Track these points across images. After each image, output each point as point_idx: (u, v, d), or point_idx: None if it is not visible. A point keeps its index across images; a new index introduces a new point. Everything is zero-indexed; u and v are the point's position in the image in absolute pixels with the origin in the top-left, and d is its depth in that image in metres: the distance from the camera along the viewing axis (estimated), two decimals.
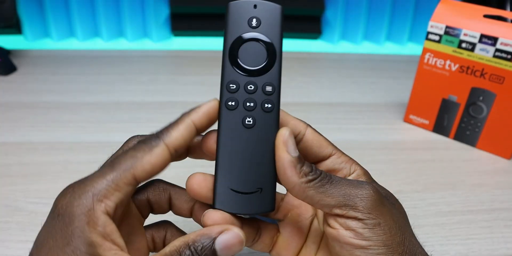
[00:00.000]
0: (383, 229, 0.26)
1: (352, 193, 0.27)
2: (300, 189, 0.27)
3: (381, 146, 0.60)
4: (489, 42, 0.54)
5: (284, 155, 0.27)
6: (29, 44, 0.88)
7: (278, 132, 0.28)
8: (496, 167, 0.56)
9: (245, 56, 0.30)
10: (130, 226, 0.29)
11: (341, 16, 0.92)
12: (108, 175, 0.26)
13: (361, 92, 0.74)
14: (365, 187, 0.27)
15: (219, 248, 0.26)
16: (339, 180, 0.28)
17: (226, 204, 0.29)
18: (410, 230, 0.29)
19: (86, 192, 0.25)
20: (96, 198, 0.25)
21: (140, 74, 0.77)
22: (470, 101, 0.58)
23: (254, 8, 0.30)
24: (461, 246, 0.44)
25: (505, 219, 0.47)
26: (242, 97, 0.29)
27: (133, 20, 0.89)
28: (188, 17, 0.91)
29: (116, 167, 0.26)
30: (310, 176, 0.27)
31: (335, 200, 0.27)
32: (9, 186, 0.49)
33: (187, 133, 0.28)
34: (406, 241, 0.27)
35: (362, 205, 0.26)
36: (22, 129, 0.59)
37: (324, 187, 0.27)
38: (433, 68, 0.60)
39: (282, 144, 0.27)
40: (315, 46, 0.95)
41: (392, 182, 0.52)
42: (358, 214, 0.26)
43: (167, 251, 0.25)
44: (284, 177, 0.27)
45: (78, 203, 0.25)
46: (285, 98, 0.70)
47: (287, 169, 0.27)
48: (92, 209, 0.25)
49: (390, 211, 0.28)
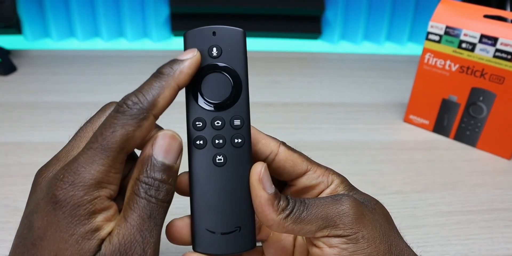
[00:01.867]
0: (367, 241, 0.26)
1: (329, 213, 0.27)
2: (279, 225, 0.26)
3: (381, 146, 0.60)
4: (489, 42, 0.54)
5: (260, 193, 0.26)
6: (29, 44, 0.88)
7: (252, 169, 0.27)
8: (496, 167, 0.56)
9: (208, 90, 0.28)
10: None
11: (341, 16, 0.92)
12: (104, 160, 0.25)
13: (361, 92, 0.74)
14: (342, 202, 0.27)
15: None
16: (313, 203, 0.27)
17: (205, 246, 0.28)
18: (396, 233, 0.29)
19: (85, 181, 0.24)
20: (99, 186, 0.25)
21: (140, 74, 0.77)
22: (470, 101, 0.58)
23: (213, 35, 0.28)
24: (461, 246, 0.44)
25: (505, 219, 0.47)
26: (210, 134, 0.28)
27: (133, 20, 0.89)
28: (188, 17, 0.91)
29: (108, 148, 0.25)
30: (287, 211, 0.26)
31: (315, 225, 0.26)
32: (9, 186, 0.49)
33: (172, 98, 0.27)
34: (393, 248, 0.27)
35: (342, 223, 0.26)
36: (22, 129, 0.59)
37: (301, 217, 0.26)
38: (433, 68, 0.60)
39: (257, 182, 0.26)
40: (315, 46, 0.95)
41: (392, 182, 0.52)
42: (340, 232, 0.26)
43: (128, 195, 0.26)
44: (262, 216, 0.27)
45: (81, 194, 0.24)
46: (285, 98, 0.70)
47: (265, 208, 0.26)
48: (97, 197, 0.25)
49: (372, 220, 0.27)
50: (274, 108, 0.67)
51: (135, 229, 0.25)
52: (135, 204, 0.25)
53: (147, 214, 0.25)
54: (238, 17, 0.92)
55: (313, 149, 0.58)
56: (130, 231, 0.25)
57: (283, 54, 0.87)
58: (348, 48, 0.94)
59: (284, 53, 0.88)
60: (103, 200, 0.25)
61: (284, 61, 0.84)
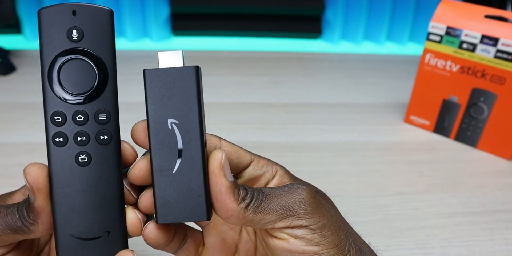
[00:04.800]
0: (329, 229, 0.26)
1: (289, 202, 0.26)
2: (239, 215, 0.25)
3: (381, 147, 0.60)
4: (490, 43, 0.54)
5: (221, 181, 0.25)
6: (29, 44, 0.88)
7: (211, 156, 0.25)
8: (497, 168, 0.56)
9: (68, 79, 0.25)
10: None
11: (341, 16, 0.92)
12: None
13: (362, 92, 0.74)
14: (299, 191, 0.27)
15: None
16: (272, 192, 0.26)
17: (70, 252, 0.25)
18: (345, 220, 0.29)
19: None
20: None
21: (140, 74, 0.77)
22: (471, 102, 0.58)
23: (74, 15, 0.24)
24: (462, 248, 0.44)
25: (506, 221, 0.47)
26: (72, 130, 0.25)
27: (133, 20, 0.89)
28: (188, 17, 0.91)
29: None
30: (247, 200, 0.25)
31: (276, 215, 0.26)
32: (9, 187, 0.49)
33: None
34: (349, 235, 0.27)
35: (303, 211, 0.26)
36: (22, 129, 0.59)
37: (261, 206, 0.25)
38: (434, 69, 0.60)
39: (219, 169, 0.25)
40: (315, 46, 0.94)
41: (393, 184, 0.52)
42: (303, 221, 0.26)
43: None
44: (221, 205, 0.25)
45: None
46: (285, 98, 0.70)
47: (225, 196, 0.25)
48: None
49: (328, 209, 0.27)
50: (274, 109, 0.67)
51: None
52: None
53: None
54: (238, 17, 0.92)
55: (313, 150, 0.58)
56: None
57: (283, 54, 0.87)
58: (348, 48, 0.94)
59: (284, 53, 0.88)
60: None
61: (284, 61, 0.84)
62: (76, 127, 0.25)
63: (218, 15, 0.91)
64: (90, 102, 0.25)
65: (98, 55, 0.25)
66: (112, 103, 0.26)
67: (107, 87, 0.25)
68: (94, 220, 0.25)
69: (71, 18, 0.24)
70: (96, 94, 0.25)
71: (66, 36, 0.24)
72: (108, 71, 0.25)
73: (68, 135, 0.25)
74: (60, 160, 0.25)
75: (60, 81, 0.25)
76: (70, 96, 0.25)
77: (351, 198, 0.50)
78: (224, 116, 0.65)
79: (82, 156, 0.25)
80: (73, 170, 0.25)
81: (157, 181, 0.25)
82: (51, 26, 0.24)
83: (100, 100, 0.25)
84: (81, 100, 0.25)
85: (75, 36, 0.24)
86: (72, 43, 0.24)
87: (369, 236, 0.32)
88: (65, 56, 0.25)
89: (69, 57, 0.25)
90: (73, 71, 0.25)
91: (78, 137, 0.25)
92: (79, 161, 0.25)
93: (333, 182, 0.52)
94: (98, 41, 0.25)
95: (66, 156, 0.25)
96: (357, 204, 0.49)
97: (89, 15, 0.24)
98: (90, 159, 0.25)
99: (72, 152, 0.25)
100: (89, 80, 0.25)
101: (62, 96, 0.25)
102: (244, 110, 0.67)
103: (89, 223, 0.25)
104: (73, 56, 0.25)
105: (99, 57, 0.25)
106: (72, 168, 0.25)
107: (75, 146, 0.25)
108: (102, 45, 0.25)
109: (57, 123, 0.25)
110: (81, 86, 0.25)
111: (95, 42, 0.25)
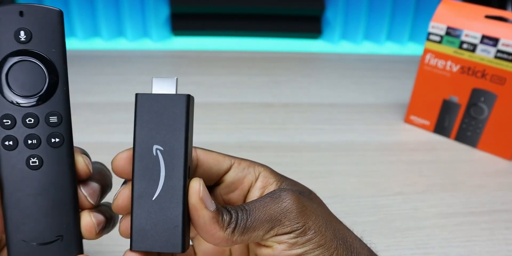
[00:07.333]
0: (314, 231, 0.26)
1: (273, 213, 0.26)
2: (227, 240, 0.25)
3: (381, 147, 0.60)
4: (491, 43, 0.54)
5: (203, 213, 0.24)
6: None
7: (190, 188, 0.24)
8: (497, 168, 0.56)
9: (17, 81, 0.24)
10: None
11: (341, 16, 0.92)
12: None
13: (362, 92, 0.74)
14: (282, 199, 0.26)
15: None
16: (254, 207, 0.26)
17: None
18: (334, 217, 0.29)
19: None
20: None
21: (140, 74, 0.77)
22: (471, 102, 0.58)
23: (21, 16, 0.24)
24: (462, 248, 0.44)
25: (506, 221, 0.47)
26: (22, 133, 0.24)
27: (133, 20, 0.89)
28: (188, 17, 0.91)
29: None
30: (233, 224, 0.25)
31: (262, 230, 0.25)
32: None
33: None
34: (337, 233, 0.27)
35: (287, 219, 0.26)
36: None
37: (247, 226, 0.25)
38: (434, 69, 0.60)
39: (199, 202, 0.24)
40: (315, 46, 0.94)
41: (393, 184, 0.52)
42: (287, 229, 0.26)
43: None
44: (208, 235, 0.25)
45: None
46: (285, 98, 0.70)
47: (210, 227, 0.24)
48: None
49: (313, 209, 0.27)
50: (274, 109, 0.67)
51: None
52: None
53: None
54: (238, 17, 0.92)
55: (313, 150, 0.58)
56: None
57: (283, 54, 0.87)
58: (348, 48, 0.94)
59: (284, 53, 0.88)
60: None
61: (284, 61, 0.84)
62: (26, 130, 0.24)
63: (218, 15, 0.91)
64: (41, 105, 0.25)
65: (48, 57, 0.24)
66: (63, 105, 0.25)
67: (57, 89, 0.25)
68: (47, 225, 0.25)
69: (18, 19, 0.24)
70: (47, 96, 0.25)
71: (14, 37, 0.24)
72: (58, 72, 0.25)
73: (18, 138, 0.24)
74: (10, 164, 0.25)
75: (9, 83, 0.24)
76: (20, 98, 0.24)
77: (351, 198, 0.50)
78: (224, 116, 0.65)
79: (33, 160, 0.25)
80: (24, 174, 0.25)
81: (136, 207, 0.24)
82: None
83: (51, 102, 0.25)
84: (31, 103, 0.24)
85: (23, 37, 0.24)
86: (20, 44, 0.24)
87: (369, 236, 0.32)
88: (13, 57, 0.24)
89: (17, 58, 0.24)
90: (22, 73, 0.24)
91: (29, 140, 0.25)
92: (30, 165, 0.25)
93: (333, 182, 0.52)
94: (47, 42, 0.24)
95: (17, 160, 0.25)
96: (357, 204, 0.49)
97: (37, 16, 0.24)
98: (41, 163, 0.25)
99: (23, 156, 0.25)
100: (39, 82, 0.24)
101: (11, 98, 0.24)
102: (244, 110, 0.67)
103: (41, 227, 0.25)
104: (21, 57, 0.24)
105: (48, 59, 0.24)
106: (23, 172, 0.25)
107: (25, 150, 0.25)
108: (52, 46, 0.24)
109: (6, 126, 0.24)
110: (31, 88, 0.24)
111: (44, 43, 0.24)
